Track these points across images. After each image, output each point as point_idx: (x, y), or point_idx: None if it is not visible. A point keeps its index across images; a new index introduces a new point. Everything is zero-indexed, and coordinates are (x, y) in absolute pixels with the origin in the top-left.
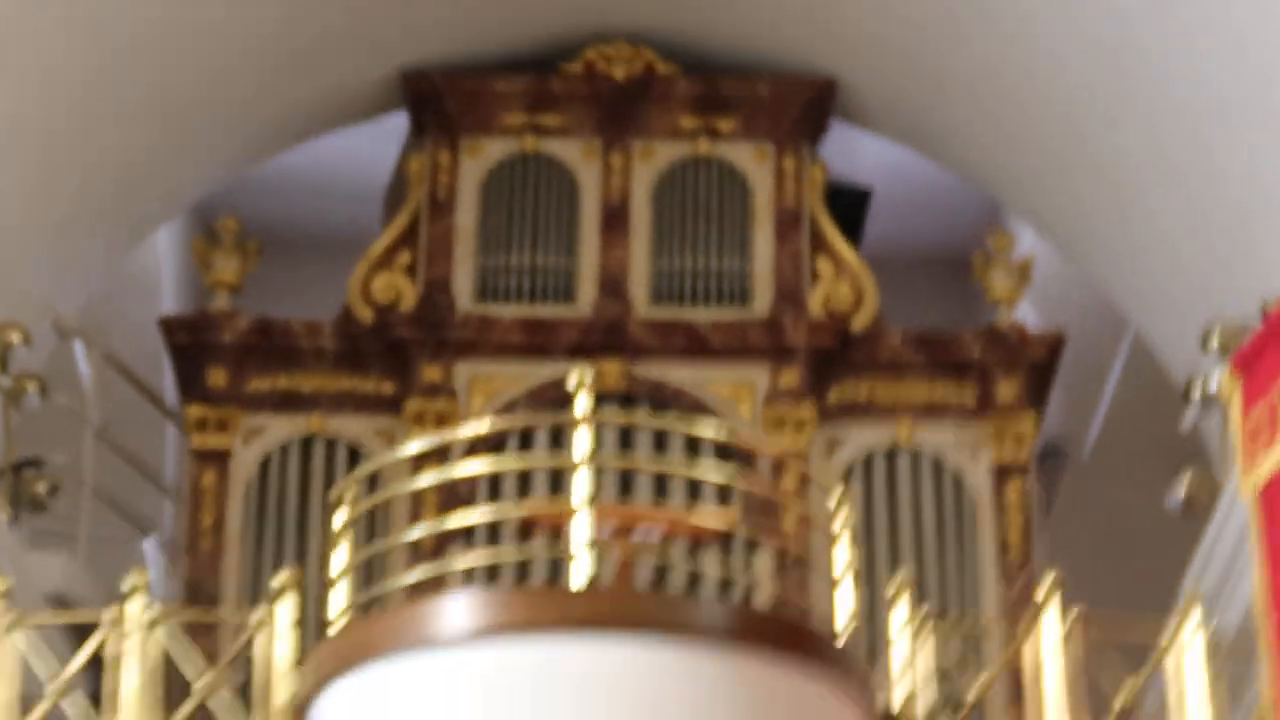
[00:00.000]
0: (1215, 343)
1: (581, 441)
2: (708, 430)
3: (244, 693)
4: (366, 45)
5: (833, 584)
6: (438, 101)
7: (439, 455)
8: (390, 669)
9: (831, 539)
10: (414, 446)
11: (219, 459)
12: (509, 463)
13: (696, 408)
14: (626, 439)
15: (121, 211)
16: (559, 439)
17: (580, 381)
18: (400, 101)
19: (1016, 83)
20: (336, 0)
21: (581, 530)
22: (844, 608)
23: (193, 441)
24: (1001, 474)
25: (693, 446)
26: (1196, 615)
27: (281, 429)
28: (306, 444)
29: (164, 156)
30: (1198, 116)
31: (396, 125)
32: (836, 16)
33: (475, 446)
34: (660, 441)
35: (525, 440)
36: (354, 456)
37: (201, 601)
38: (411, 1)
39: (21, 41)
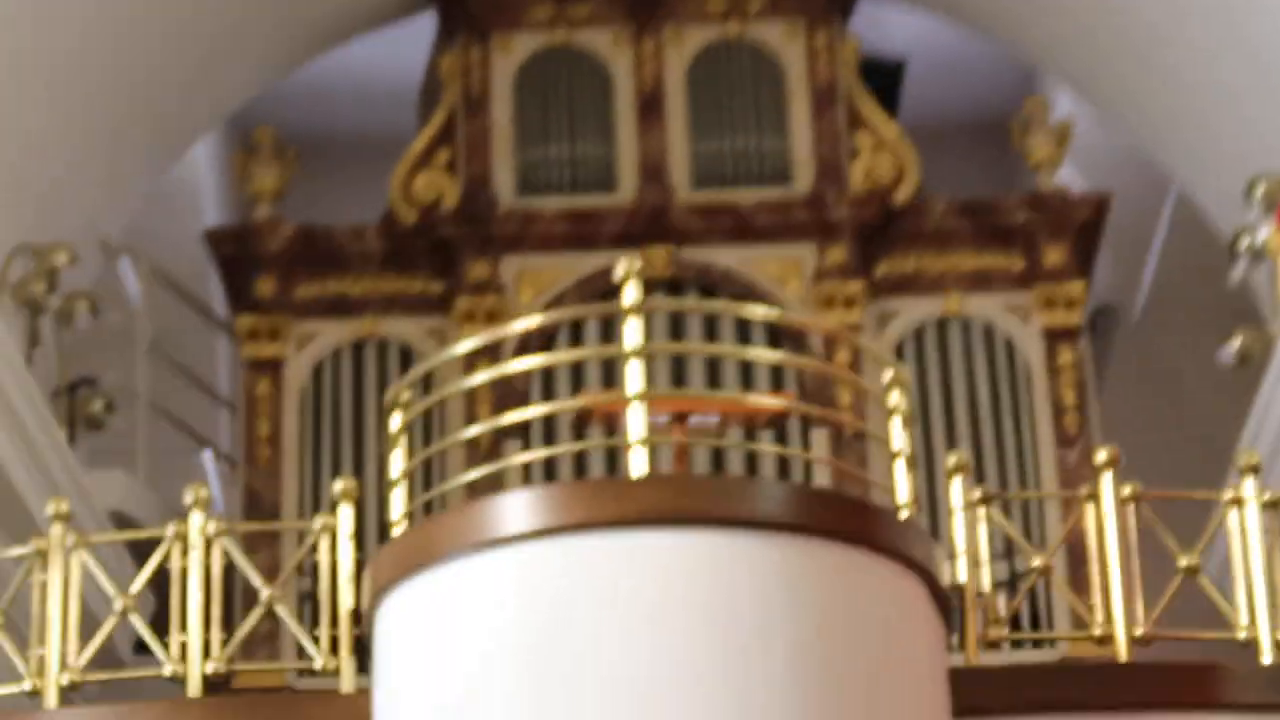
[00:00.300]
0: (1260, 195)
1: (632, 331)
2: (758, 312)
3: (308, 602)
4: None
5: (891, 460)
6: None
7: (491, 353)
8: (452, 571)
9: (887, 414)
10: (465, 345)
11: (272, 368)
12: (561, 356)
13: (745, 290)
14: (677, 326)
15: (160, 127)
16: (609, 329)
17: (628, 271)
18: (429, 1)
19: None
20: None
21: (637, 420)
22: (903, 484)
23: (245, 352)
24: (1053, 339)
25: (744, 329)
26: (1254, 473)
27: (332, 334)
28: (358, 348)
29: (199, 69)
30: None
31: (427, 25)
32: None
33: (526, 342)
34: (711, 326)
35: (576, 332)
36: (406, 358)
37: (261, 511)
38: None
39: None
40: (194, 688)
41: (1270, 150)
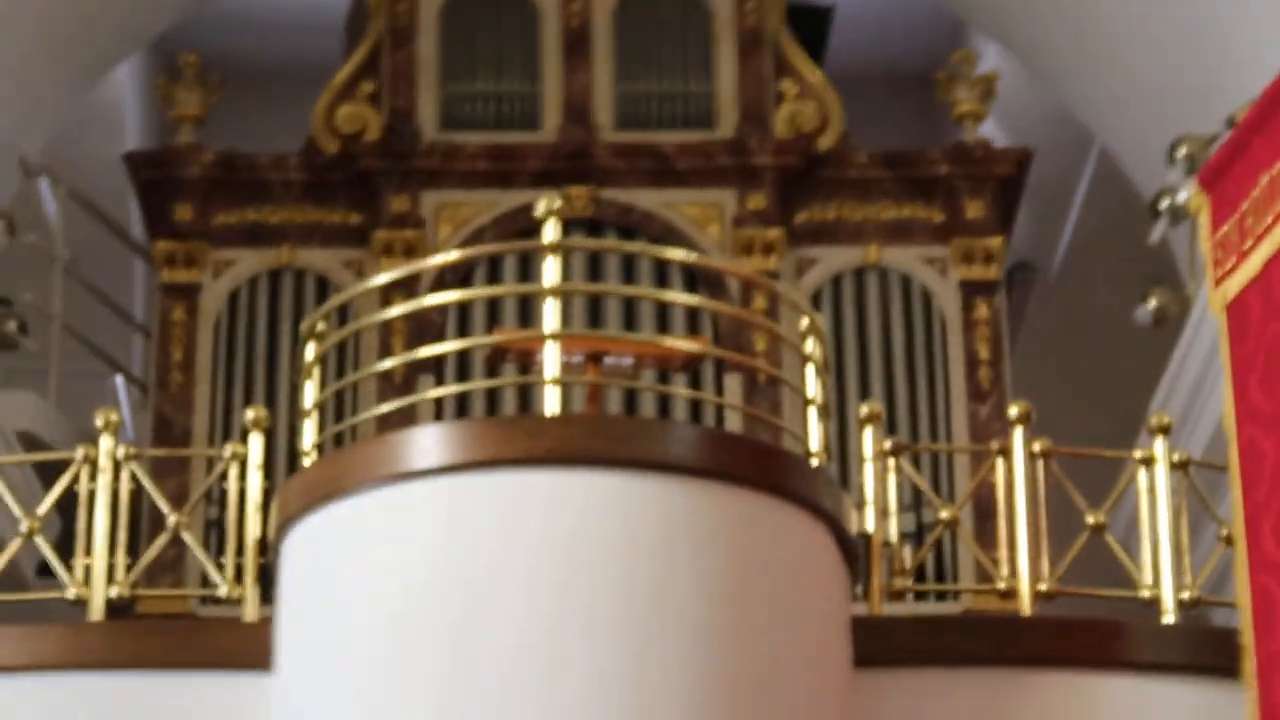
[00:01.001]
0: (1182, 155)
1: (550, 270)
2: (676, 255)
3: (215, 529)
4: None
5: (804, 407)
6: None
7: (407, 286)
8: (362, 503)
9: (802, 362)
10: (382, 278)
11: (188, 293)
12: (477, 292)
13: (664, 232)
14: (595, 266)
15: (81, 48)
16: (527, 266)
17: (548, 209)
18: None
19: None
20: None
21: (551, 359)
22: (815, 432)
23: (161, 276)
24: (970, 292)
25: (661, 272)
26: (1164, 434)
27: (249, 262)
28: (275, 276)
29: None
30: None
31: None
32: None
33: (443, 277)
34: (629, 267)
35: (494, 269)
36: (323, 288)
37: (172, 438)
38: None
39: None
40: (97, 612)
41: (1194, 111)
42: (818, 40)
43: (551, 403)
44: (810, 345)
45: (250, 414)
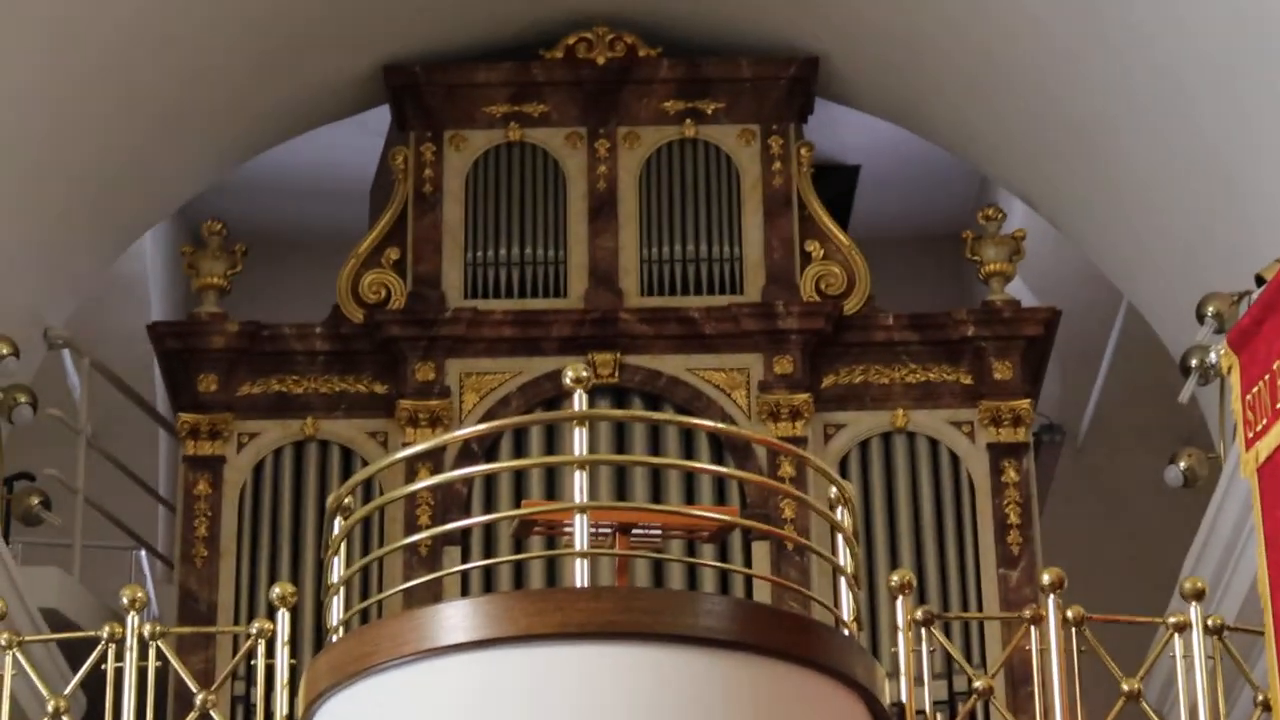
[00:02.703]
0: (1210, 313)
1: (578, 442)
2: (702, 424)
3: (243, 706)
4: (347, 40)
5: (834, 575)
6: (419, 94)
7: (433, 456)
8: (390, 680)
9: (832, 530)
10: (407, 452)
11: (212, 465)
12: (503, 464)
13: (690, 397)
14: (621, 433)
15: (107, 218)
16: (553, 434)
17: (576, 379)
18: (382, 95)
19: (1000, 54)
20: None
21: (580, 531)
22: (845, 601)
23: (185, 449)
24: (999, 454)
25: (688, 438)
26: (1198, 599)
27: (274, 433)
28: (299, 448)
29: (147, 161)
30: (1183, 80)
31: (380, 119)
32: None
33: (469, 446)
34: (655, 435)
35: (519, 437)
36: (347, 459)
37: (197, 614)
38: None
39: None
40: None
41: (1222, 268)
42: (843, 199)
43: (581, 575)
44: (840, 514)
45: (276, 590)
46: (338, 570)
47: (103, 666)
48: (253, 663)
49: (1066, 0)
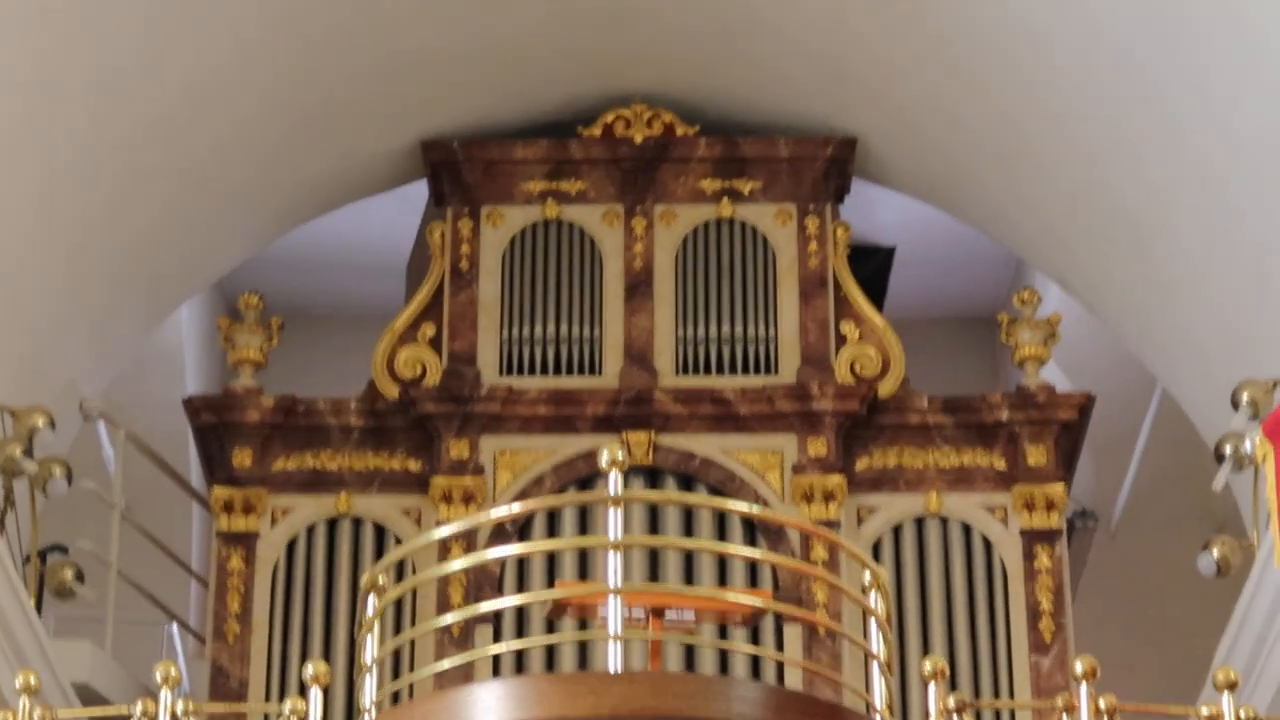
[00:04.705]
0: (1245, 400)
1: (612, 524)
2: (736, 507)
3: None
4: (385, 115)
5: (866, 661)
6: (457, 170)
7: (466, 535)
8: None
9: (864, 613)
10: (441, 532)
11: (245, 541)
12: (537, 545)
13: (724, 479)
14: (654, 514)
15: (145, 291)
16: (586, 515)
17: (611, 461)
18: (420, 170)
19: (1038, 138)
20: (354, 71)
21: (612, 614)
22: (878, 687)
23: (219, 524)
24: (1031, 541)
25: (722, 520)
26: (1230, 689)
27: (308, 509)
28: (333, 525)
29: (186, 233)
30: (1219, 167)
31: (417, 194)
32: (855, 75)
33: (502, 525)
34: (689, 516)
35: (552, 517)
36: (381, 536)
37: (228, 690)
38: (429, 70)
39: (41, 123)
40: None
41: (1257, 355)
42: (879, 280)
43: (614, 659)
44: (873, 599)
45: (310, 669)
46: (371, 649)
47: None
48: None
49: (1104, 87)
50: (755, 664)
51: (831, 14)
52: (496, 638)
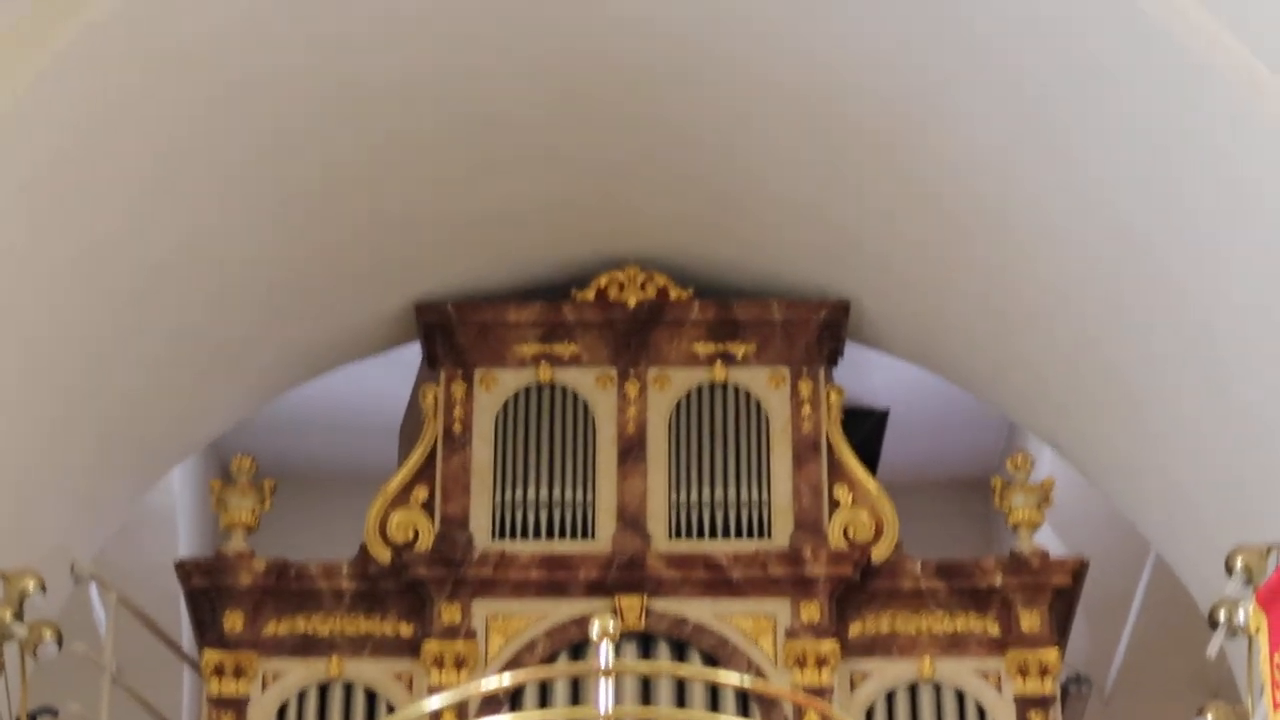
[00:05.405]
0: (1239, 566)
1: (604, 695)
2: (729, 679)
3: None
4: (378, 278)
5: None
6: (450, 332)
7: (457, 705)
8: None
9: None
10: (432, 703)
11: (236, 706)
12: (529, 716)
13: (717, 644)
14: (647, 681)
15: (137, 454)
16: (579, 682)
17: (603, 631)
18: (413, 332)
19: (1032, 303)
20: (347, 234)
21: None
22: None
23: (209, 688)
24: (1025, 706)
25: (714, 687)
26: None
27: (298, 674)
28: (324, 689)
29: (177, 397)
30: (1214, 331)
31: (411, 356)
32: (848, 239)
33: (494, 694)
34: (681, 683)
35: (544, 685)
36: (372, 702)
37: None
38: (422, 233)
39: (29, 286)
40: None
41: (1252, 521)
42: (872, 443)
43: None
44: None
45: None
46: None
47: None
48: None
49: (1095, 252)
50: None
51: (824, 181)
52: None
